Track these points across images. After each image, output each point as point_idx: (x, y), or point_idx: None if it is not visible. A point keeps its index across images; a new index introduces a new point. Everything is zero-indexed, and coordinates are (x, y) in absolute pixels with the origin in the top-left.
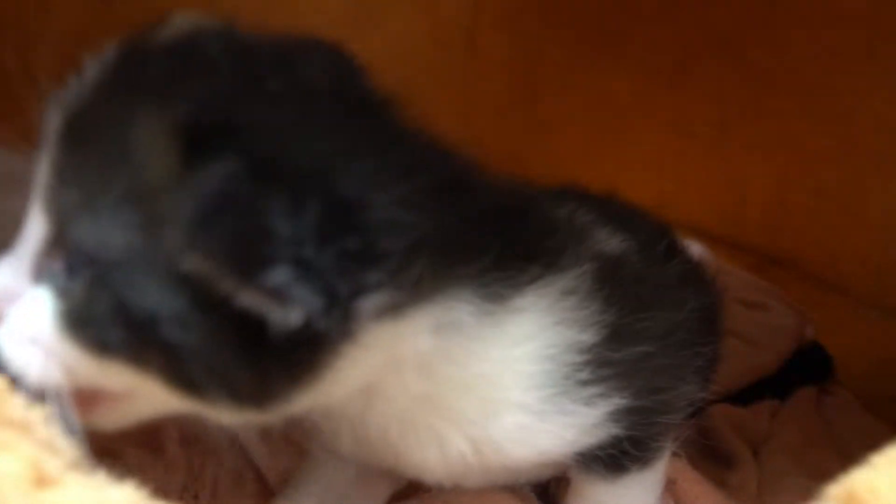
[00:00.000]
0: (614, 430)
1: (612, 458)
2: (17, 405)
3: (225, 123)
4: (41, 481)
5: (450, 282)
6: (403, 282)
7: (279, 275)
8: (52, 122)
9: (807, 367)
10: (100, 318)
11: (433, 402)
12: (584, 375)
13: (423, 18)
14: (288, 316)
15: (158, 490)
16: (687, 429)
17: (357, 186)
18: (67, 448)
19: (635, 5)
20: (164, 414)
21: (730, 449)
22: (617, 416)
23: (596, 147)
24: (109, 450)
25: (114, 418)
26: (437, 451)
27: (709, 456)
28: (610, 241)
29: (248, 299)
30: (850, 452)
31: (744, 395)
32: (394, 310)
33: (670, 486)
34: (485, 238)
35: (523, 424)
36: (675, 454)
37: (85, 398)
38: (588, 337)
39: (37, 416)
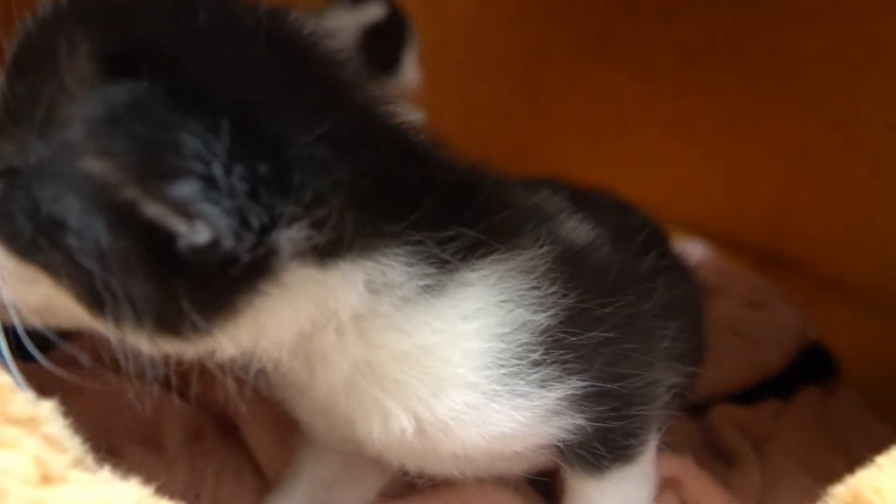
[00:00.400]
0: (578, 419)
1: (590, 454)
2: (21, 402)
3: (148, 49)
4: (45, 478)
5: (379, 237)
6: (323, 222)
7: (184, 188)
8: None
9: (810, 368)
10: (13, 214)
11: (375, 372)
12: (537, 356)
13: (427, 17)
14: (194, 233)
15: (161, 488)
16: (669, 420)
17: (275, 120)
18: (72, 446)
19: (636, 6)
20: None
21: (733, 448)
22: (578, 402)
23: (596, 147)
24: (112, 448)
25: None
26: (380, 426)
27: (712, 455)
28: (579, 228)
29: (153, 210)
30: (854, 453)
31: (747, 395)
32: (319, 255)
33: (675, 485)
34: (415, 196)
35: (472, 404)
36: (676, 452)
37: None
38: (543, 318)
39: (41, 413)
